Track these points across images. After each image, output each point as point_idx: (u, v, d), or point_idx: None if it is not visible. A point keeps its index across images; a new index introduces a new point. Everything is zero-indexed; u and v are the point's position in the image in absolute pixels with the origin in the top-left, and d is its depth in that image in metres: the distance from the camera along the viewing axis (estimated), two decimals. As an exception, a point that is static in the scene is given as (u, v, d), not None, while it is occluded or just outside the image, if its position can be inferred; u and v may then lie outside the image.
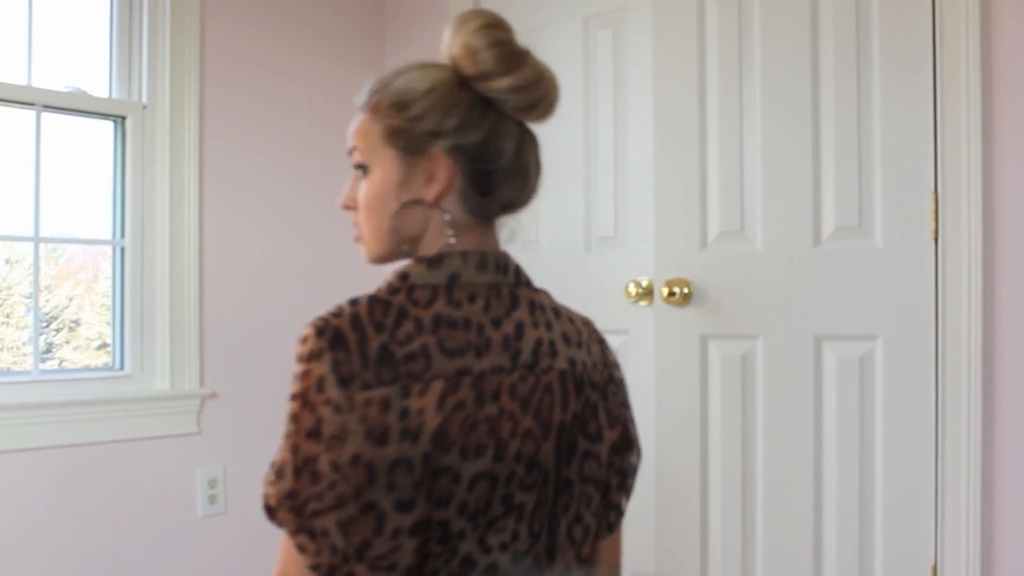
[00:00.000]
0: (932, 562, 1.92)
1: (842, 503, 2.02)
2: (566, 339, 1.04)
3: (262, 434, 2.60)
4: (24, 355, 2.34)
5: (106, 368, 2.44)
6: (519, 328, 0.99)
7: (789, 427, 2.07)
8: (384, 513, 0.88)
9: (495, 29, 1.03)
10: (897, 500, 1.96)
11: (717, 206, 2.16)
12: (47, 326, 2.48)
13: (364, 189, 1.03)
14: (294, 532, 0.89)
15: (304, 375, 0.90)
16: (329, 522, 0.87)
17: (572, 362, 1.03)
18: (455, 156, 1.00)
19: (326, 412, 0.88)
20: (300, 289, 2.71)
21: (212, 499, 2.49)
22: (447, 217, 1.01)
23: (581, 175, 2.42)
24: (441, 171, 1.00)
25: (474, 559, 0.93)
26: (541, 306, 1.04)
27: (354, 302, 0.95)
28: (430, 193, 1.00)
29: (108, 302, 2.46)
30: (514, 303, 1.01)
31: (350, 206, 1.07)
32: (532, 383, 0.98)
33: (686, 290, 2.16)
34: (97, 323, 2.55)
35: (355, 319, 0.92)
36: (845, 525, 2.01)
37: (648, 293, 2.23)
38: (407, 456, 0.88)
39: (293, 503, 0.88)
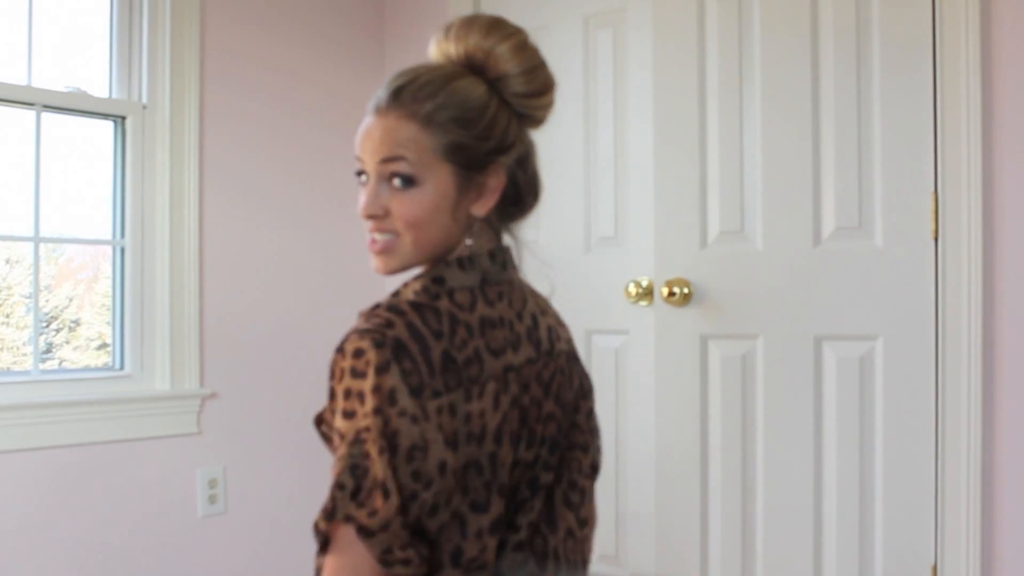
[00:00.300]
0: (932, 562, 1.92)
1: (842, 503, 2.02)
2: (558, 320, 1.11)
3: (262, 434, 2.60)
4: (24, 355, 2.34)
5: (106, 368, 2.44)
6: (534, 318, 1.04)
7: (789, 427, 2.07)
8: (464, 517, 0.91)
9: (531, 49, 1.03)
10: (897, 500, 1.96)
11: (717, 206, 2.16)
12: (47, 326, 2.48)
13: (412, 202, 0.97)
14: (402, 548, 0.86)
15: (375, 390, 0.87)
16: (409, 534, 0.87)
17: (568, 341, 1.10)
18: (507, 171, 1.02)
19: (402, 424, 0.87)
20: (300, 289, 2.71)
21: (212, 499, 2.49)
22: (490, 228, 1.04)
23: (581, 175, 2.42)
24: (496, 186, 1.02)
25: (505, 540, 0.96)
26: (535, 292, 1.10)
27: (397, 310, 0.93)
28: (482, 208, 1.02)
29: (108, 302, 2.46)
30: (523, 294, 1.05)
31: (378, 215, 0.98)
32: (552, 368, 1.03)
33: (686, 290, 2.16)
34: (97, 323, 2.55)
35: (412, 328, 0.91)
36: (845, 525, 2.01)
37: (648, 293, 2.23)
38: (476, 458, 0.91)
39: (405, 519, 0.86)
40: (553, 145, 2.47)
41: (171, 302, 2.42)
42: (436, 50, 1.04)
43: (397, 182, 0.97)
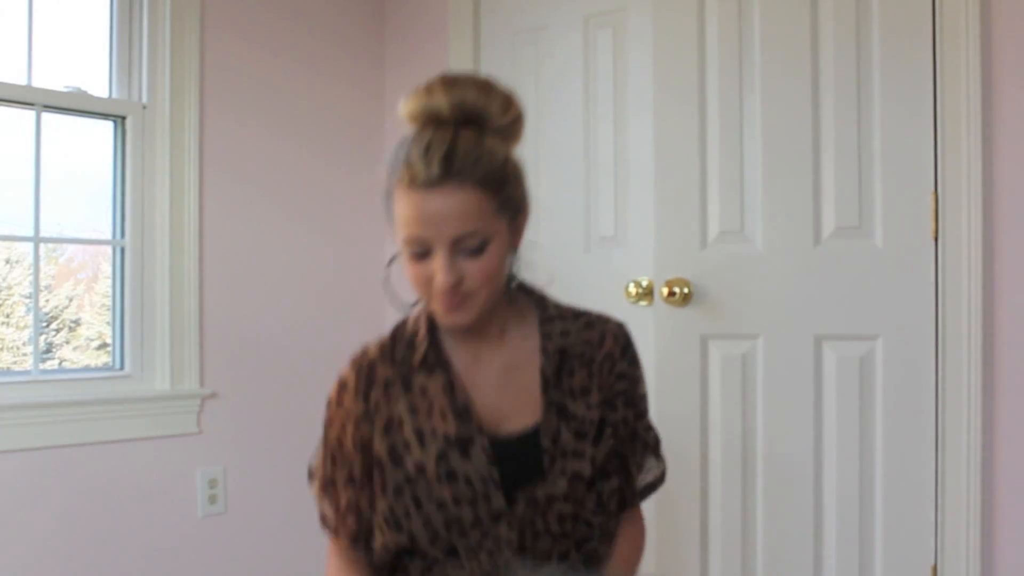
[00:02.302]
0: (932, 562, 1.92)
1: (842, 503, 2.02)
2: None
3: (262, 434, 2.60)
4: (24, 355, 2.34)
5: (106, 368, 2.44)
6: None
7: (789, 427, 2.07)
8: None
9: (515, 104, 1.12)
10: (897, 500, 1.96)
11: (717, 206, 2.16)
12: (47, 326, 2.48)
13: (485, 263, 1.05)
14: None
15: None
16: None
17: None
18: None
19: None
20: (300, 289, 2.71)
21: (212, 499, 2.49)
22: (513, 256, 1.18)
23: (581, 175, 2.42)
24: (524, 221, 1.14)
25: None
26: None
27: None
28: (518, 242, 1.15)
29: (108, 302, 2.46)
30: None
31: (456, 283, 1.05)
32: None
33: (686, 290, 2.16)
34: (97, 323, 2.55)
35: None
36: (845, 525, 2.01)
37: (648, 293, 2.23)
38: None
39: None
40: (553, 145, 2.48)
41: (171, 302, 2.42)
42: (416, 106, 1.07)
43: (470, 249, 1.04)
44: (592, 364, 1.17)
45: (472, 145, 1.03)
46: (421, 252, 1.04)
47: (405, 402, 1.13)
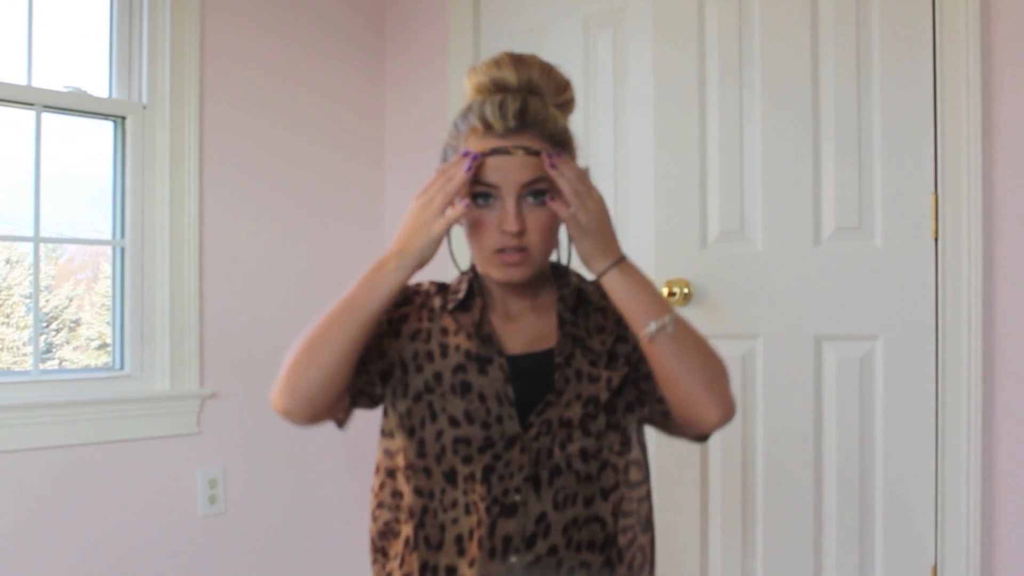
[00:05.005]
0: (932, 562, 1.92)
1: (842, 503, 2.02)
2: None
3: (262, 434, 2.60)
4: (24, 355, 2.34)
5: (106, 368, 2.44)
6: None
7: (789, 427, 2.07)
8: None
9: (570, 88, 1.21)
10: (897, 500, 1.96)
11: (717, 206, 2.16)
12: (47, 326, 2.48)
13: (546, 215, 1.11)
14: None
15: None
16: None
17: None
18: None
19: None
20: (300, 289, 2.71)
21: (212, 499, 2.49)
22: None
23: (581, 175, 2.42)
24: None
25: None
26: None
27: None
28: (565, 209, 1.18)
29: (108, 302, 2.46)
30: None
31: (522, 230, 1.10)
32: None
33: (686, 290, 2.16)
34: (97, 323, 2.55)
35: None
36: (845, 525, 2.01)
37: (648, 293, 2.23)
38: None
39: None
40: (553, 145, 2.48)
41: (171, 302, 2.42)
42: (484, 77, 1.14)
43: (532, 199, 1.10)
44: (607, 311, 1.20)
45: (541, 107, 1.12)
46: (487, 200, 1.10)
47: (436, 322, 1.21)
